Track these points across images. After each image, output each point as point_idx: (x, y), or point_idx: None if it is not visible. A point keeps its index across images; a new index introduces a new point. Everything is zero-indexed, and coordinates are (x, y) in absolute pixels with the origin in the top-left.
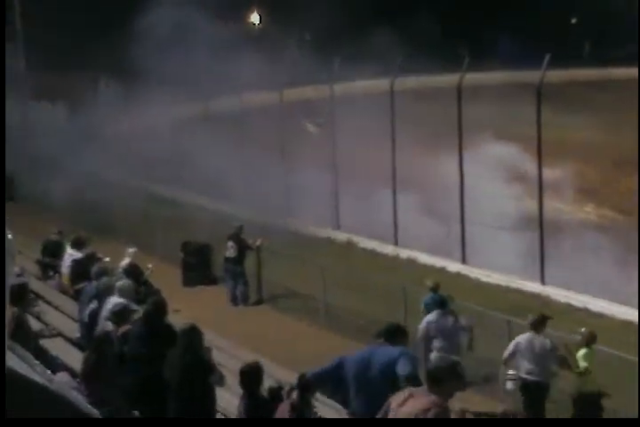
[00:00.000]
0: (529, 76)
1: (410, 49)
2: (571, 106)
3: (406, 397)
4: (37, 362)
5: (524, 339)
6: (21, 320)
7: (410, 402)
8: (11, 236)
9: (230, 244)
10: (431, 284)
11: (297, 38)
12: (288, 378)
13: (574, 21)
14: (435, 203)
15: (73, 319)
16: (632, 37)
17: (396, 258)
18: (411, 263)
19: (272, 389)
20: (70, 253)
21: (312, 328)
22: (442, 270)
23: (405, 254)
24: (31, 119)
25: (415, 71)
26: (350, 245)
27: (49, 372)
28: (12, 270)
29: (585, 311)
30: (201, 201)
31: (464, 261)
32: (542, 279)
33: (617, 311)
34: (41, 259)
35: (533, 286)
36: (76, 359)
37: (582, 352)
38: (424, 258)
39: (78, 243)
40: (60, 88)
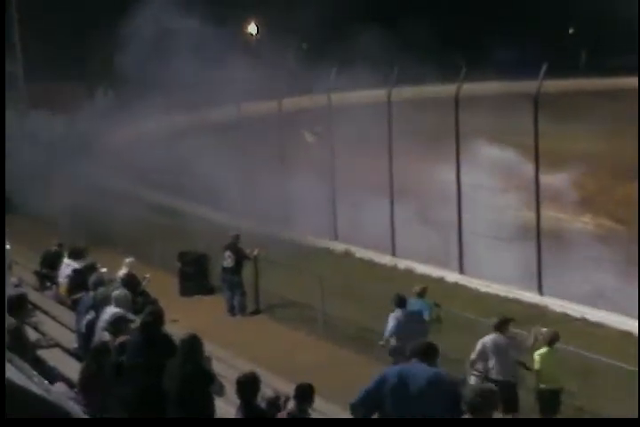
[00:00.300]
0: (526, 85)
1: (407, 59)
2: (568, 115)
3: None
4: (35, 373)
5: (490, 340)
6: (19, 331)
7: None
8: (9, 246)
9: (228, 253)
10: (417, 289)
11: (294, 48)
12: (285, 388)
13: (571, 31)
14: (432, 213)
15: (70, 330)
16: (629, 47)
17: (394, 268)
18: (408, 273)
19: (269, 399)
20: (67, 262)
21: (310, 338)
22: (440, 281)
23: (403, 265)
24: (30, 129)
25: (412, 81)
26: (348, 255)
27: (46, 382)
28: (9, 280)
29: (583, 321)
30: (199, 211)
31: (462, 271)
32: (540, 289)
33: (615, 321)
34: (39, 270)
35: (531, 297)
36: (74, 370)
37: (540, 352)
38: (422, 268)
39: (76, 253)
40: (59, 98)
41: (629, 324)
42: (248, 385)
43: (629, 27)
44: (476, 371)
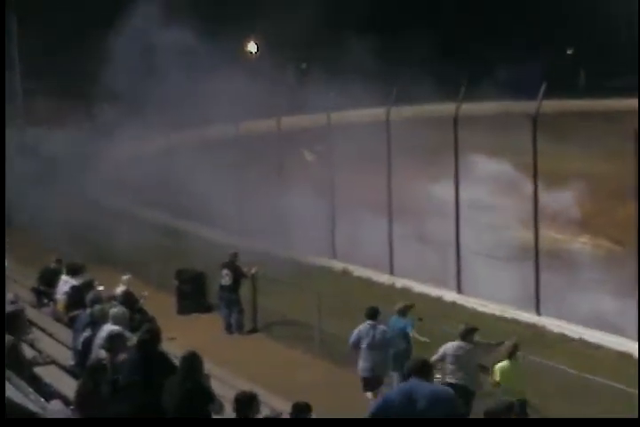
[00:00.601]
0: (525, 105)
1: (407, 78)
2: (566, 135)
3: None
4: (31, 390)
5: (453, 346)
6: (15, 348)
7: None
8: (6, 263)
9: (225, 272)
10: (398, 307)
11: (293, 66)
12: (282, 406)
13: (570, 52)
14: (430, 231)
15: (67, 347)
16: (628, 68)
17: (392, 287)
18: (406, 292)
19: (266, 417)
20: (65, 279)
21: (306, 357)
22: (437, 300)
23: (401, 283)
24: (27, 145)
25: (411, 100)
26: (346, 273)
27: (42, 400)
28: (6, 297)
29: (580, 342)
30: (196, 229)
31: (459, 290)
32: (537, 310)
33: (613, 342)
34: (36, 286)
35: (529, 317)
36: (70, 387)
37: (500, 365)
38: (419, 287)
39: (73, 270)
40: (57, 114)
41: (627, 345)
42: (246, 403)
43: (629, 48)
44: (435, 378)
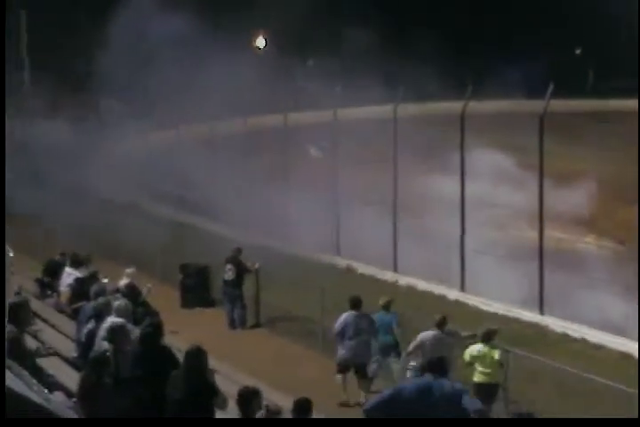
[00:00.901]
0: (532, 105)
1: (414, 76)
2: (573, 136)
3: None
4: (35, 381)
5: (429, 335)
6: (18, 339)
7: None
8: (11, 253)
9: (229, 266)
10: (383, 302)
11: (301, 62)
12: (283, 402)
13: (578, 52)
14: (435, 229)
15: (70, 339)
16: (635, 69)
17: (395, 284)
18: (410, 290)
19: (268, 410)
20: (69, 271)
21: (309, 352)
22: (441, 298)
23: (405, 281)
24: (33, 137)
25: (418, 98)
26: (350, 270)
27: (46, 391)
28: (11, 287)
29: (582, 342)
30: (201, 223)
31: (463, 289)
32: (541, 309)
33: (615, 343)
34: (40, 278)
35: (532, 316)
36: (72, 379)
37: (472, 347)
38: (423, 285)
39: (77, 262)
40: (63, 106)
41: (629, 345)
42: (250, 398)
43: (636, 49)
44: (412, 365)
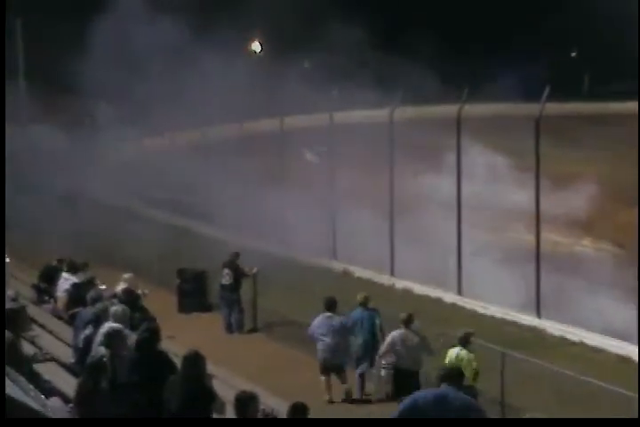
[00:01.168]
0: (528, 108)
1: (410, 79)
2: (570, 139)
3: None
4: (32, 387)
5: (398, 334)
6: (15, 345)
7: None
8: (8, 259)
9: (226, 271)
10: (360, 298)
11: (297, 66)
12: (281, 406)
13: (574, 55)
14: (432, 233)
15: (67, 344)
16: (631, 72)
17: (392, 288)
18: (406, 294)
19: (264, 413)
20: (66, 277)
21: (306, 357)
22: (437, 301)
23: (401, 285)
24: (30, 142)
25: (415, 101)
26: (346, 274)
27: (43, 396)
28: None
29: (580, 345)
30: (198, 228)
31: (460, 292)
32: (538, 312)
33: (613, 346)
34: (37, 284)
35: (529, 319)
36: (69, 384)
37: (450, 350)
38: (420, 288)
39: (74, 267)
40: (60, 112)
41: (627, 348)
42: (246, 403)
43: (632, 51)
44: (385, 364)
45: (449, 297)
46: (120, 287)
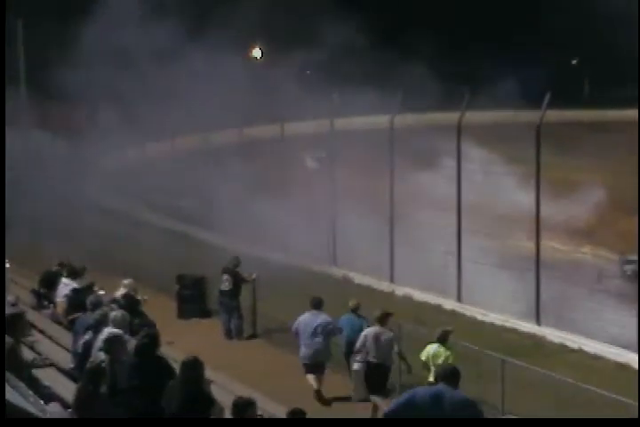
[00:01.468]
0: (528, 115)
1: (410, 86)
2: (570, 146)
3: None
4: (31, 393)
5: (372, 331)
6: (14, 350)
7: None
8: (7, 264)
9: (225, 277)
10: (352, 305)
11: (298, 73)
12: (279, 412)
13: (575, 62)
14: (432, 240)
15: (67, 350)
16: (632, 79)
17: (392, 295)
18: (406, 300)
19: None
20: (65, 282)
21: None
22: (437, 308)
23: (401, 291)
24: (31, 148)
25: (415, 108)
26: (346, 280)
27: (42, 402)
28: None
29: (580, 353)
30: (198, 233)
31: (460, 299)
32: (538, 319)
33: (612, 353)
34: (37, 289)
35: (528, 326)
36: (69, 390)
37: (428, 347)
38: (420, 295)
39: (74, 273)
40: (61, 117)
41: (626, 356)
42: (244, 409)
43: (633, 58)
44: (359, 359)
45: (449, 304)
46: (120, 293)
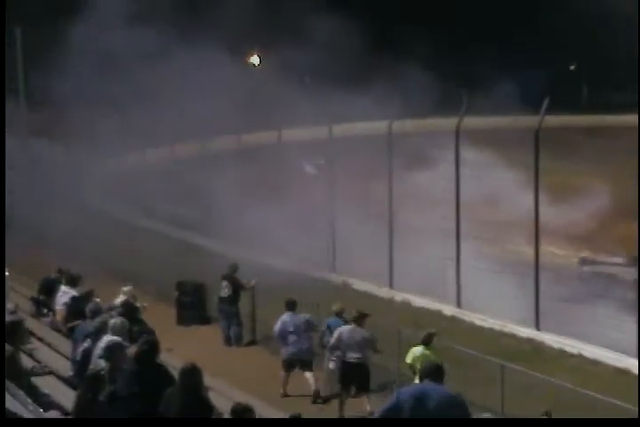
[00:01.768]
0: (527, 120)
1: (409, 92)
2: (569, 151)
3: None
4: (30, 400)
5: (347, 330)
6: (14, 358)
7: None
8: (7, 272)
9: (224, 283)
10: (336, 308)
11: (296, 79)
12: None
13: (573, 67)
14: (431, 245)
15: (66, 357)
16: (630, 83)
17: (391, 301)
18: (405, 306)
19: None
20: (65, 290)
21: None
22: (436, 314)
23: (400, 297)
24: (30, 155)
25: (413, 114)
26: (345, 287)
27: (41, 410)
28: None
29: (579, 358)
30: (197, 240)
31: (459, 304)
32: (537, 324)
33: (611, 358)
34: (36, 296)
35: (527, 332)
36: (68, 398)
37: (413, 349)
38: (419, 301)
39: (73, 280)
40: (59, 124)
41: (626, 361)
42: (242, 415)
43: (631, 63)
44: (334, 357)
45: (448, 309)
46: (119, 300)
